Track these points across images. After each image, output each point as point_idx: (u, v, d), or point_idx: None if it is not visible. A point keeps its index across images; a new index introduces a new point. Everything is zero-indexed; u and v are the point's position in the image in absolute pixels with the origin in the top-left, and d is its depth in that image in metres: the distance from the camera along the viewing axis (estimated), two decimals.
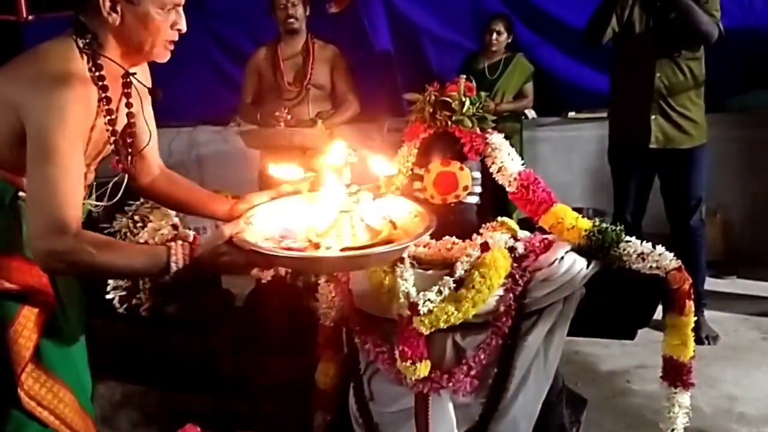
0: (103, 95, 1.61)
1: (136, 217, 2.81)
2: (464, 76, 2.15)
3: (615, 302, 2.00)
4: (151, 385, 2.60)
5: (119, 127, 1.70)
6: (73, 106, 1.51)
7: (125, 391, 2.56)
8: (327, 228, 1.62)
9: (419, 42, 5.05)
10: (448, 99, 2.09)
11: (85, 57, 1.59)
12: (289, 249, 1.56)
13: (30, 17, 5.80)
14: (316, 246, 1.57)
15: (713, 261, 4.32)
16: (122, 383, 2.56)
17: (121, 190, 1.81)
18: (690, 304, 1.90)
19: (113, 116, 1.66)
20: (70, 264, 1.49)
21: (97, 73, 1.59)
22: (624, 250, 1.94)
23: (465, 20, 5.01)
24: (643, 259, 1.92)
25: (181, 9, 1.64)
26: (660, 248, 1.93)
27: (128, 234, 2.75)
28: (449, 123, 2.09)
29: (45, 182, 1.48)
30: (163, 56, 1.68)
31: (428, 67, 5.04)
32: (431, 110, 2.11)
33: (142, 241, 2.68)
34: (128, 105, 1.72)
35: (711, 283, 3.98)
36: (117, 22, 1.57)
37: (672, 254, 1.92)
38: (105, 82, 1.61)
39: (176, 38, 1.66)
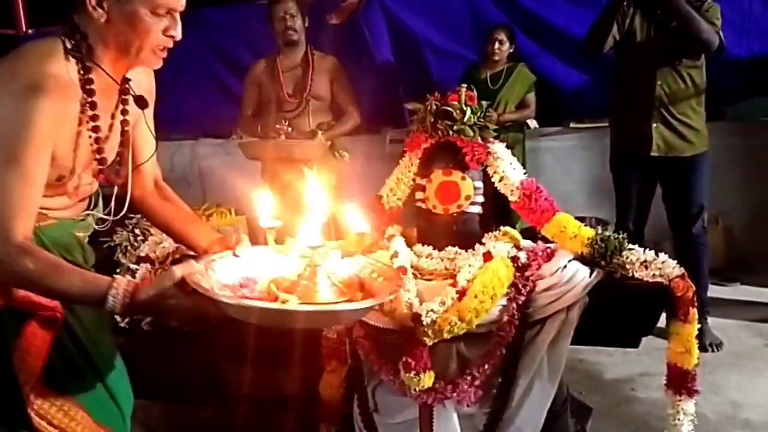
0: (88, 100, 1.53)
1: (137, 231, 2.79)
2: (465, 86, 2.16)
3: (618, 310, 1.99)
4: (154, 399, 2.59)
5: (110, 135, 1.63)
6: (44, 112, 1.42)
7: None
8: (291, 281, 1.49)
9: (420, 53, 5.06)
10: (449, 108, 2.09)
11: (73, 59, 1.51)
12: (244, 298, 1.43)
13: (29, 31, 5.83)
14: (274, 298, 1.43)
15: (715, 268, 4.35)
16: None
17: (126, 204, 1.74)
18: (693, 312, 1.90)
19: (97, 123, 1.57)
20: (4, 273, 1.41)
21: (85, 77, 1.53)
22: (627, 258, 1.93)
23: (465, 31, 5.01)
24: (646, 267, 1.91)
25: (177, 15, 1.55)
26: (663, 256, 1.93)
27: (129, 247, 2.72)
28: (451, 132, 2.09)
29: (1, 187, 1.40)
30: (153, 62, 1.59)
31: (429, 77, 5.04)
32: (432, 120, 2.11)
33: (143, 254, 2.66)
34: (123, 112, 1.65)
35: (713, 290, 3.98)
36: (103, 19, 1.49)
37: (675, 262, 1.92)
38: (92, 86, 1.53)
39: (170, 45, 1.57)
